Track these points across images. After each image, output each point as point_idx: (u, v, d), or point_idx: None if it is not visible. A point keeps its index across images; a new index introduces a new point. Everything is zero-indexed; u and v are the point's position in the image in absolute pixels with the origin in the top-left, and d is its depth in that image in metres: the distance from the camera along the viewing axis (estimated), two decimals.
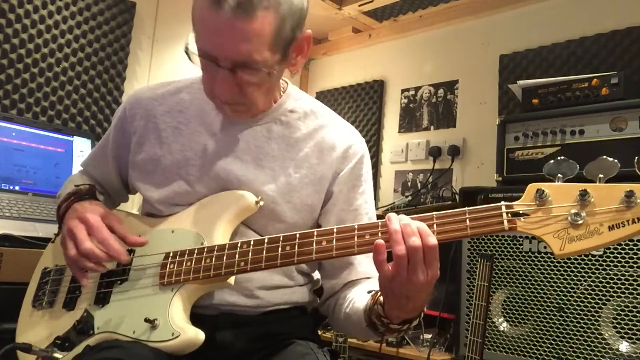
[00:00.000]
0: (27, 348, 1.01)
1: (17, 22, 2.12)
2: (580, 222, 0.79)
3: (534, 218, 0.83)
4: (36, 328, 1.11)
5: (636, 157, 0.82)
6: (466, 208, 0.87)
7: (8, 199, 1.79)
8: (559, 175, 0.84)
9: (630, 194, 0.77)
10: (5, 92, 2.10)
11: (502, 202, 0.85)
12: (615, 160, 0.81)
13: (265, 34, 0.94)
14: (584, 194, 0.80)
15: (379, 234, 0.88)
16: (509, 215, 0.84)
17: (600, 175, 0.81)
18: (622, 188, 0.78)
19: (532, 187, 0.84)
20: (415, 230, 0.84)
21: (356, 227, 0.91)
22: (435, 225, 0.87)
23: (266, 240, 0.97)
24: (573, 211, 0.80)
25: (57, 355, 1.00)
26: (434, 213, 0.88)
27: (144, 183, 1.15)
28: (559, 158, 0.85)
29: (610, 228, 0.78)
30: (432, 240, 0.84)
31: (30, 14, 2.16)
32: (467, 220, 0.86)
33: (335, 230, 0.93)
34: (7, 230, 1.54)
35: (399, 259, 0.83)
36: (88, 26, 2.35)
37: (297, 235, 0.95)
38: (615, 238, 0.78)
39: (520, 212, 0.84)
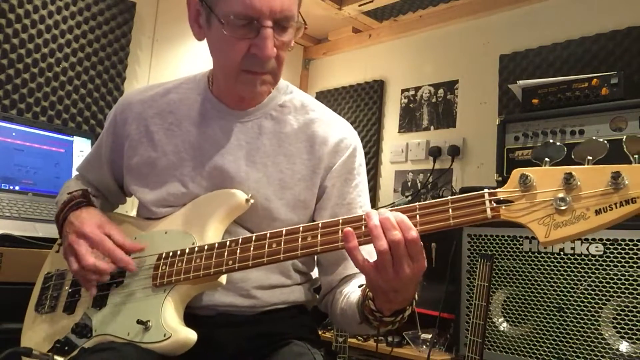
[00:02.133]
0: (28, 352, 1.02)
1: (17, 22, 2.12)
2: (566, 207, 0.75)
3: (518, 205, 0.79)
4: (39, 332, 1.12)
5: (624, 136, 0.78)
6: (449, 197, 0.83)
7: (8, 199, 1.79)
8: (546, 159, 0.80)
9: (617, 175, 0.72)
10: (5, 92, 2.10)
11: (485, 190, 0.81)
12: (605, 141, 0.77)
13: None
14: (569, 177, 0.75)
15: (363, 228, 0.86)
16: (492, 203, 0.80)
17: (589, 157, 0.76)
18: (608, 169, 0.74)
19: (516, 173, 0.80)
20: (395, 224, 0.82)
21: (340, 221, 0.90)
22: (418, 216, 0.84)
23: (253, 238, 0.96)
24: (559, 195, 0.76)
25: (57, 358, 1.01)
26: (417, 204, 0.85)
27: (138, 186, 1.15)
28: (546, 141, 0.80)
29: (597, 212, 0.73)
30: (413, 233, 0.81)
31: (30, 14, 2.16)
32: (450, 210, 0.82)
33: (320, 225, 0.91)
34: (7, 230, 1.53)
35: (381, 255, 0.82)
36: (88, 26, 2.35)
37: (284, 232, 0.94)
38: (602, 222, 0.73)
39: (503, 199, 0.80)
